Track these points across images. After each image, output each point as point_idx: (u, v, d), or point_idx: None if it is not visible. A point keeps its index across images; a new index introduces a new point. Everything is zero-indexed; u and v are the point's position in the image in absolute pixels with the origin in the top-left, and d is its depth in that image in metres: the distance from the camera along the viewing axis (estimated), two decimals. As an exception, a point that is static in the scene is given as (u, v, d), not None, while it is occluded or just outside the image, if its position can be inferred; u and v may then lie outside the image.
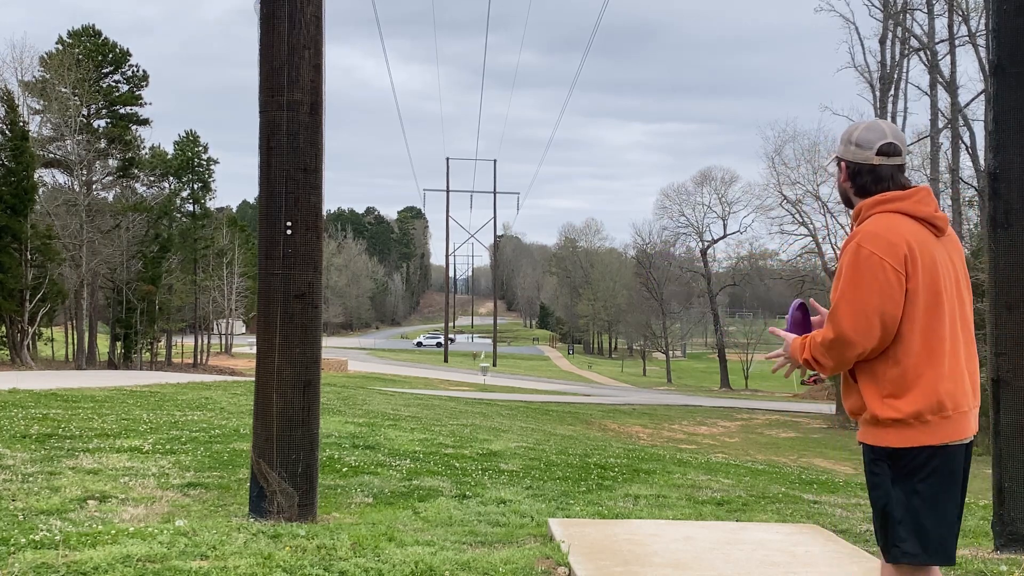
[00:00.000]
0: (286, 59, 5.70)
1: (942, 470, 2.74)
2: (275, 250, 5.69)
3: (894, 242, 2.73)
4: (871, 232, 2.76)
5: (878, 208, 2.84)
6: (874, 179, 2.88)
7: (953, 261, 2.88)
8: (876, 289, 2.71)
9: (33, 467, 7.38)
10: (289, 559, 4.44)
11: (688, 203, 79.77)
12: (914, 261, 2.73)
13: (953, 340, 2.78)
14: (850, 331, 2.73)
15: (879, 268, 2.71)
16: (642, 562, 4.66)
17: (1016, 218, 5.30)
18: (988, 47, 5.57)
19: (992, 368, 5.40)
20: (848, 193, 2.97)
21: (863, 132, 2.91)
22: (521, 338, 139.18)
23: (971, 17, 35.64)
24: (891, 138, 2.88)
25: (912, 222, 2.80)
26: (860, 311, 2.71)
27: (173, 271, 49.38)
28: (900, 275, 2.71)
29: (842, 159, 2.95)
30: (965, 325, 2.87)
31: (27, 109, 40.28)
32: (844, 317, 2.74)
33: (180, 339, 60.19)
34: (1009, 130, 5.31)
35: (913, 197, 2.82)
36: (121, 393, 17.69)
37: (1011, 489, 5.27)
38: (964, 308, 2.88)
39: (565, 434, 20.01)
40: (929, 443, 2.73)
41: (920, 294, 2.73)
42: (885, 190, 2.86)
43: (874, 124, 2.94)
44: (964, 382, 2.78)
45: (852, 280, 2.73)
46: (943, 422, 2.73)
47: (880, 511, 2.82)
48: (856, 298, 2.72)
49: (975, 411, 2.83)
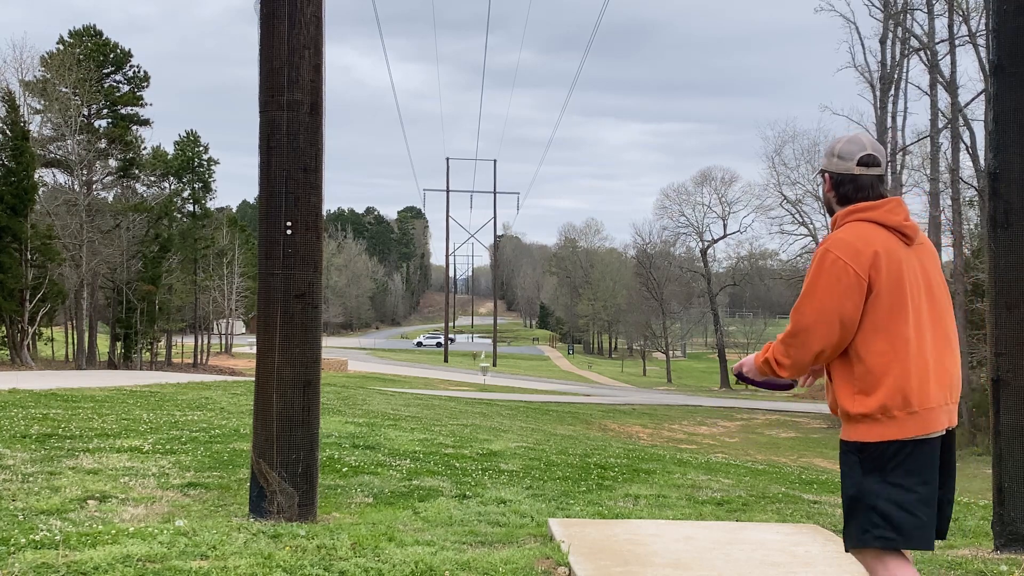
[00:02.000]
0: (286, 59, 5.70)
1: (909, 462, 2.89)
2: (275, 250, 5.69)
3: (860, 249, 2.92)
4: (840, 239, 2.96)
5: (851, 217, 3.03)
6: (855, 188, 3.07)
7: (924, 266, 3.05)
8: (838, 291, 2.89)
9: (33, 467, 7.38)
10: (289, 559, 4.44)
11: (688, 203, 79.90)
12: (878, 267, 2.91)
13: (920, 340, 2.93)
14: (810, 327, 2.92)
15: (843, 272, 2.90)
16: (642, 562, 4.66)
17: (1016, 218, 5.29)
18: (988, 47, 5.57)
19: (992, 368, 5.40)
20: (832, 202, 3.15)
21: (845, 145, 3.10)
22: (521, 338, 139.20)
23: (971, 17, 35.65)
24: (871, 150, 3.08)
25: (882, 230, 2.98)
26: (820, 310, 2.90)
27: (173, 271, 49.38)
28: (862, 280, 2.90)
29: (826, 171, 3.15)
30: (938, 325, 3.02)
31: (28, 109, 40.27)
32: (805, 314, 2.93)
33: (180, 339, 60.20)
34: (1009, 130, 5.31)
35: (884, 207, 3.01)
36: (121, 393, 17.69)
37: (1011, 489, 5.27)
38: (937, 310, 3.04)
39: (565, 434, 20.00)
40: (896, 437, 2.88)
41: (884, 297, 2.91)
42: (865, 198, 3.05)
43: (855, 137, 3.14)
44: (931, 379, 2.93)
45: (816, 281, 2.93)
46: (909, 417, 2.88)
47: (849, 499, 2.96)
48: (818, 298, 2.91)
49: (949, 406, 2.98)
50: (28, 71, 41.44)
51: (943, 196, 37.47)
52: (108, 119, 46.54)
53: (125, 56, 46.97)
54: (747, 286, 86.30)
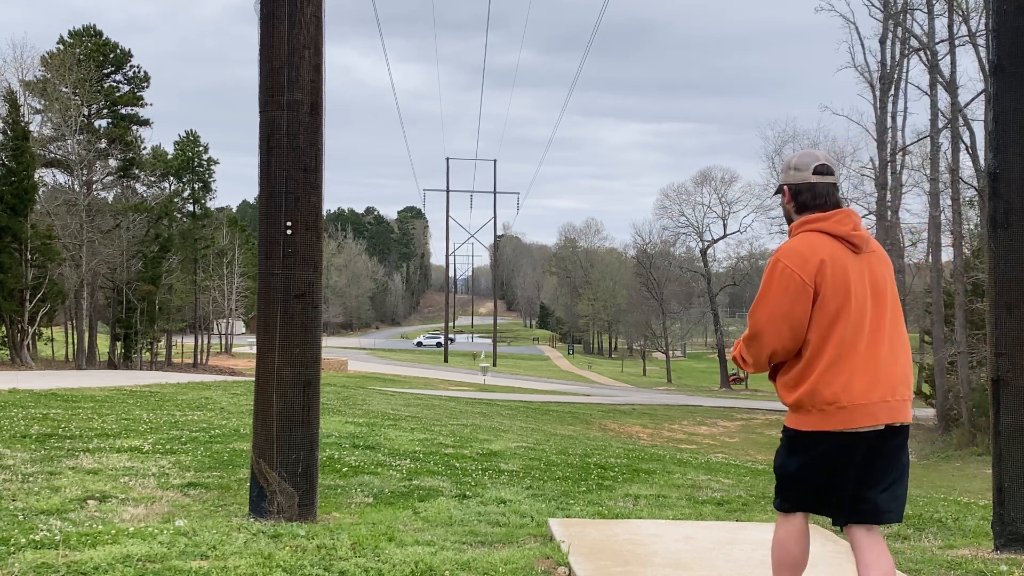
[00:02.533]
0: (286, 59, 5.70)
1: (833, 452, 3.16)
2: (275, 250, 5.69)
3: (807, 257, 3.17)
4: (790, 248, 3.23)
5: (803, 228, 3.30)
6: (812, 196, 3.33)
7: (874, 273, 3.27)
8: (787, 297, 3.16)
9: (33, 467, 7.38)
10: (289, 559, 4.44)
11: (688, 203, 79.85)
12: (824, 273, 3.15)
13: (859, 341, 3.16)
14: (763, 330, 3.20)
15: (791, 279, 3.16)
16: (642, 562, 4.66)
17: (1016, 218, 5.29)
18: (988, 47, 5.57)
19: (992, 368, 5.40)
20: (791, 213, 3.40)
21: (800, 158, 3.40)
22: (521, 338, 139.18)
23: (971, 17, 35.63)
24: (823, 161, 3.36)
25: (830, 239, 3.23)
26: (771, 314, 3.18)
27: (173, 271, 49.35)
28: (808, 286, 3.15)
29: (785, 184, 3.41)
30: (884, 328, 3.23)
31: (28, 109, 40.27)
32: (759, 319, 3.21)
33: (180, 339, 60.19)
34: (1009, 130, 5.31)
35: (833, 218, 3.26)
36: (121, 393, 17.69)
37: (1011, 489, 5.27)
38: (885, 313, 3.25)
39: (565, 434, 20.01)
40: (823, 429, 3.15)
41: (829, 301, 3.15)
42: (822, 205, 3.31)
43: (808, 151, 3.42)
44: (868, 378, 3.15)
45: (768, 287, 3.20)
46: (838, 411, 3.13)
47: (775, 472, 3.37)
48: (769, 302, 3.19)
49: (890, 403, 3.17)
50: (28, 71, 41.50)
51: (943, 196, 37.46)
52: (108, 119, 46.52)
53: (125, 56, 46.96)
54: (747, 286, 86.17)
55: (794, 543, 3.31)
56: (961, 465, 28.11)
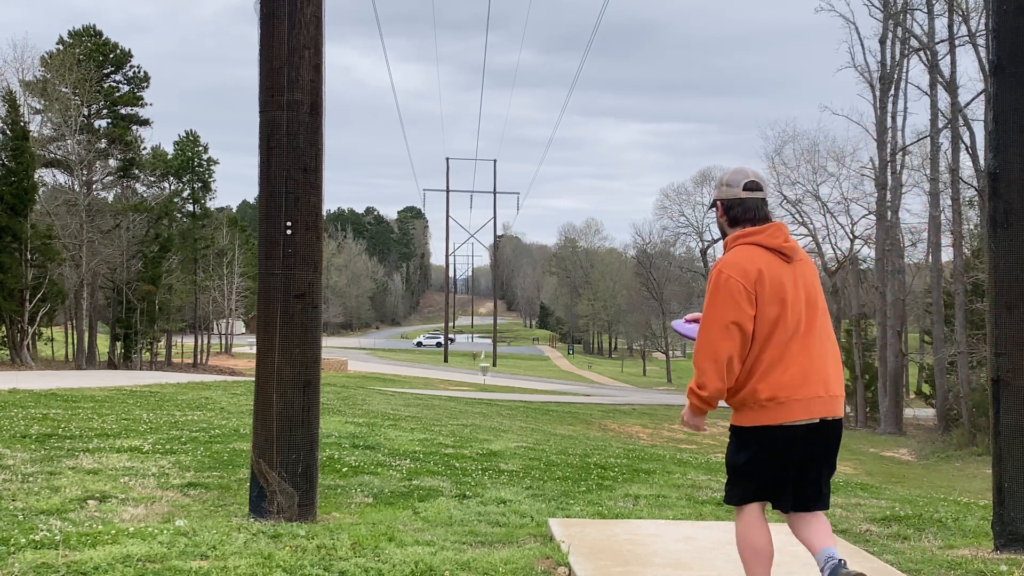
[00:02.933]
0: (286, 59, 5.70)
1: (776, 444, 3.46)
2: (275, 250, 5.69)
3: (746, 268, 3.44)
4: (729, 261, 3.49)
5: (738, 242, 3.56)
6: (743, 210, 3.59)
7: (805, 280, 3.55)
8: (734, 304, 3.41)
9: (33, 467, 7.38)
10: (289, 559, 4.44)
11: (688, 203, 79.83)
12: (762, 282, 3.43)
13: (795, 343, 3.45)
14: (718, 337, 3.41)
15: (735, 288, 3.41)
16: (642, 562, 4.66)
17: (1016, 218, 5.29)
18: (988, 47, 5.57)
19: (992, 368, 5.40)
20: (724, 226, 3.67)
21: (731, 175, 3.66)
22: (521, 338, 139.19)
23: (971, 17, 35.65)
24: (753, 177, 3.63)
25: (764, 251, 3.50)
26: (720, 320, 3.42)
27: (173, 271, 49.34)
28: (750, 293, 3.41)
29: (717, 199, 3.68)
30: (817, 330, 3.52)
31: (28, 109, 40.26)
32: (710, 327, 3.44)
33: (180, 339, 60.18)
34: (1009, 130, 5.31)
35: (766, 232, 3.53)
36: (121, 393, 17.69)
37: (1011, 489, 5.27)
38: (816, 317, 3.54)
39: (565, 434, 20.01)
40: (766, 423, 3.45)
41: (768, 307, 3.43)
42: (752, 219, 3.58)
43: (739, 169, 3.69)
44: (804, 375, 3.44)
45: (715, 297, 3.45)
46: (778, 407, 3.42)
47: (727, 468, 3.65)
48: (719, 312, 3.43)
49: (824, 398, 3.47)
50: (28, 71, 41.50)
51: (943, 196, 37.48)
52: (108, 119, 46.52)
53: (125, 56, 46.96)
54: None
55: (755, 534, 3.53)
56: (961, 465, 28.11)
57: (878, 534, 6.11)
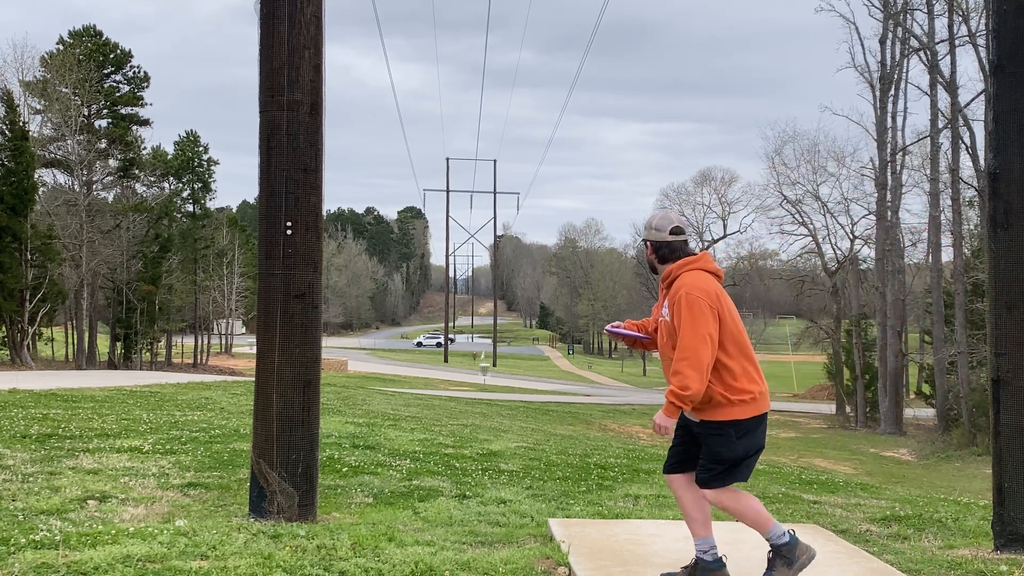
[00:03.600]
0: (286, 59, 5.70)
1: (760, 428, 4.20)
2: (275, 250, 5.69)
3: (707, 288, 4.12)
4: (693, 283, 4.12)
5: (685, 268, 4.21)
6: (669, 251, 4.29)
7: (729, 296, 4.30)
8: (706, 319, 4.04)
9: (33, 467, 7.38)
10: (289, 559, 4.44)
11: (688, 203, 79.65)
12: (720, 300, 4.13)
13: (749, 348, 4.16)
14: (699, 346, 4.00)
15: (704, 305, 4.06)
16: (642, 562, 4.66)
17: (1016, 218, 5.29)
18: (988, 47, 5.57)
19: (992, 368, 5.40)
20: (654, 263, 4.36)
21: (659, 221, 4.33)
22: (521, 338, 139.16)
23: (971, 17, 35.61)
24: (677, 223, 4.31)
25: (708, 275, 4.20)
26: (699, 333, 4.03)
27: (173, 271, 49.34)
28: (715, 309, 4.08)
29: (647, 240, 4.35)
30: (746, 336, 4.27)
31: (27, 109, 40.27)
32: (691, 338, 4.02)
33: (180, 339, 60.17)
34: (1009, 130, 5.31)
35: (703, 259, 4.25)
36: (121, 393, 17.69)
37: (1011, 489, 5.27)
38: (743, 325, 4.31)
39: (565, 434, 20.00)
40: (755, 414, 4.13)
41: (728, 320, 4.12)
42: (678, 258, 4.25)
43: (666, 214, 4.36)
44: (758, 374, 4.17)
45: (691, 316, 4.05)
46: (761, 398, 4.16)
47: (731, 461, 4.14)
48: (696, 326, 4.03)
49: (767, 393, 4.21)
50: (28, 71, 41.49)
51: (943, 196, 37.45)
52: (108, 119, 46.51)
53: (125, 56, 46.95)
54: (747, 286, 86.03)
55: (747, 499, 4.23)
56: (961, 465, 28.10)
57: (878, 534, 6.11)
